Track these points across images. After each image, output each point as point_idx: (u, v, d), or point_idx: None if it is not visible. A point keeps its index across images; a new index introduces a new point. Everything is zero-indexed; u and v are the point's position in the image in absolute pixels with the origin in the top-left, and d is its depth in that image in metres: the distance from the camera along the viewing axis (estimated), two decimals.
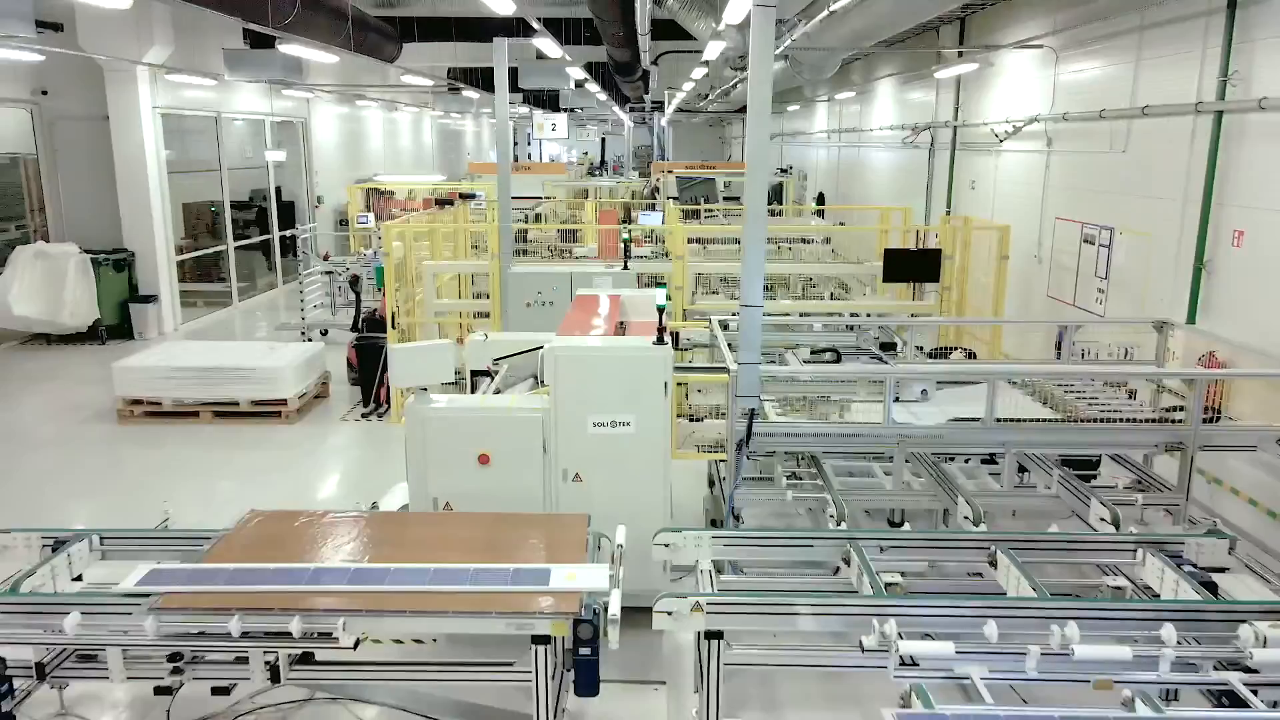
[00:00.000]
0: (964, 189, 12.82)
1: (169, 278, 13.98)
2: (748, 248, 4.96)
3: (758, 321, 5.07)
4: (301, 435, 9.33)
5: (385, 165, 24.41)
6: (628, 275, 8.76)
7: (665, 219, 13.87)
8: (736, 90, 19.91)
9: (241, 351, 9.86)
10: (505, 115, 8.88)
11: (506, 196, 9.10)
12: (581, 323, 5.98)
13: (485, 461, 5.04)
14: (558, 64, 13.99)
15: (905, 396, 5.33)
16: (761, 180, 4.93)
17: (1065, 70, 9.69)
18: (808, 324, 7.05)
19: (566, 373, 5.00)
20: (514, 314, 8.86)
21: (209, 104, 15.19)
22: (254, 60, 12.74)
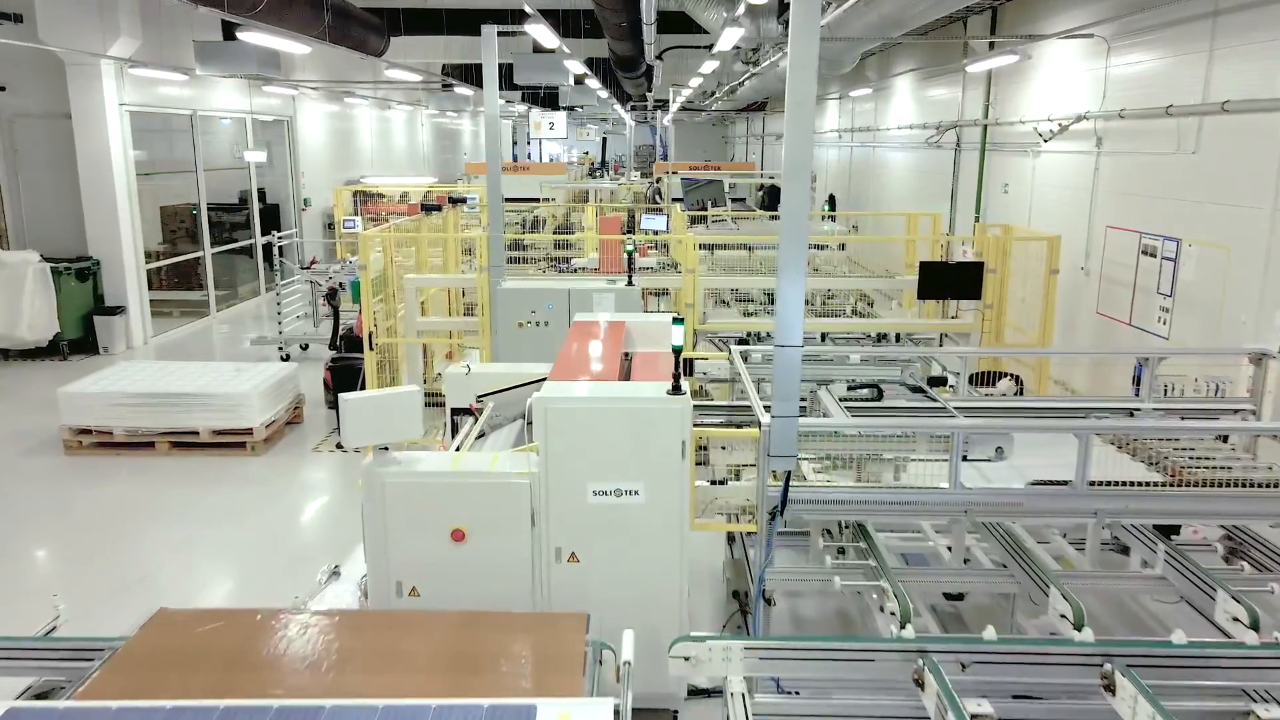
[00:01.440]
0: (995, 193, 11.85)
1: (138, 287, 13.01)
2: (786, 274, 3.99)
3: (796, 366, 4.10)
4: (268, 469, 8.36)
5: (377, 166, 23.44)
6: (632, 292, 7.79)
7: (670, 224, 12.91)
8: (744, 87, 18.96)
9: (203, 375, 8.89)
10: (495, 111, 7.92)
11: (497, 201, 8.14)
12: (579, 357, 5.02)
13: (460, 538, 4.08)
14: (555, 59, 13.03)
15: (976, 454, 4.37)
16: (802, 188, 3.96)
17: (1118, 62, 8.72)
18: (841, 355, 6.07)
19: (560, 429, 4.03)
20: (505, 335, 7.90)
21: (183, 101, 14.22)
22: (226, 53, 11.80)
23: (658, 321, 5.81)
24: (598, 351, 5.17)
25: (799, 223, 3.96)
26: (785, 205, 3.98)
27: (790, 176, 3.94)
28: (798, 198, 3.96)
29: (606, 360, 4.90)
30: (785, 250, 3.99)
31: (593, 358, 5.01)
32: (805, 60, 3.87)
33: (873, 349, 7.12)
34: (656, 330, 5.78)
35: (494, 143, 8.03)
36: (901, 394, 5.76)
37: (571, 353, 5.10)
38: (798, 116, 3.89)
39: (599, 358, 4.98)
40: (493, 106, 7.87)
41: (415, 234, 10.09)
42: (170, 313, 14.93)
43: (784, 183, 3.96)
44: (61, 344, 12.14)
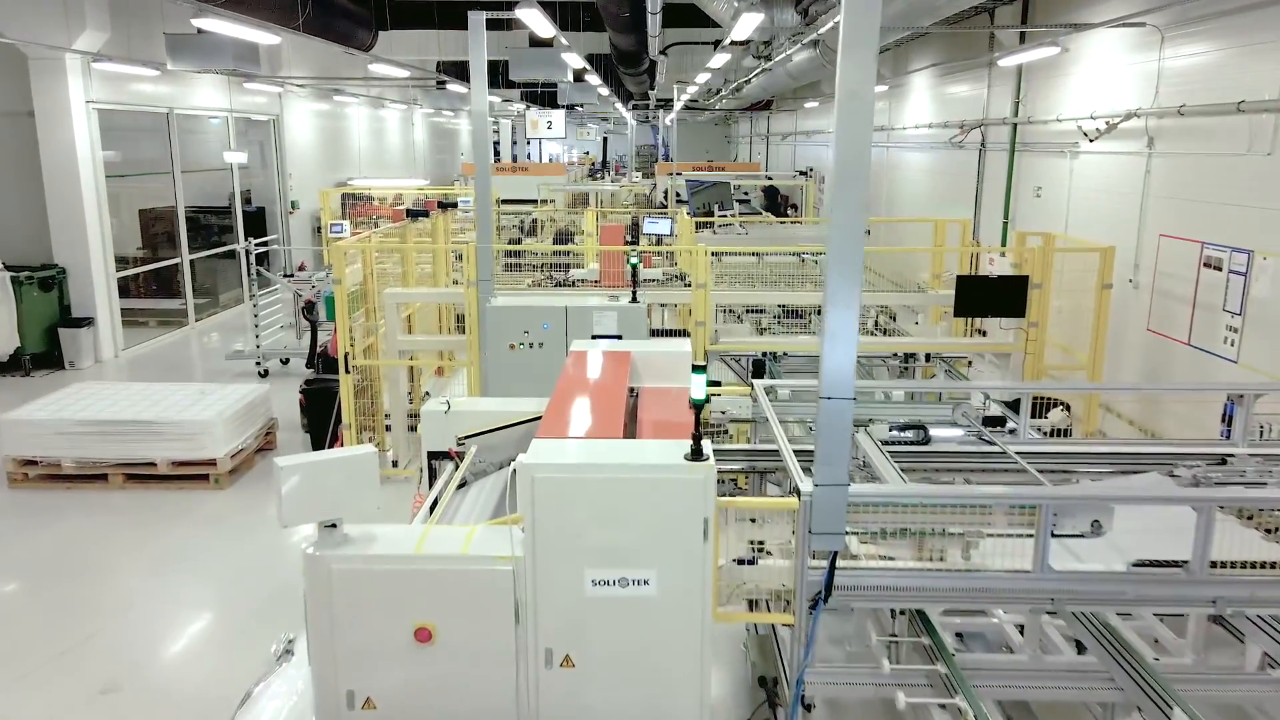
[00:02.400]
0: (1026, 197, 11.02)
1: (108, 297, 12.20)
2: (835, 309, 3.17)
3: (847, 424, 3.28)
4: (233, 505, 7.54)
5: (370, 167, 22.62)
6: (637, 310, 6.96)
7: (675, 228, 12.09)
8: (751, 85, 18.16)
9: (165, 398, 8.07)
10: (484, 108, 7.09)
11: (487, 207, 7.31)
12: (576, 401, 4.19)
13: (425, 638, 3.26)
14: (553, 53, 12.20)
15: (1067, 528, 3.54)
16: (856, 200, 3.13)
17: (1173, 54, 7.89)
18: (878, 388, 5.26)
19: (552, 503, 3.21)
20: (495, 358, 7.07)
21: (159, 99, 13.40)
22: (199, 47, 10.98)
23: (668, 351, 4.99)
24: (598, 391, 4.35)
25: (852, 245, 3.13)
26: (837, 222, 3.15)
27: (843, 186, 3.12)
28: (851, 214, 3.13)
29: (609, 404, 4.08)
30: (836, 280, 3.16)
31: (592, 400, 4.18)
32: (862, 37, 3.05)
33: (919, 383, 6.30)
34: (666, 362, 4.96)
35: (483, 142, 7.21)
36: (949, 430, 4.95)
37: (567, 394, 4.28)
38: (853, 111, 3.07)
39: (600, 400, 4.16)
40: (481, 102, 7.05)
41: (398, 243, 9.27)
42: (146, 322, 14.14)
43: (836, 194, 3.14)
44: (24, 359, 11.33)
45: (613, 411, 3.93)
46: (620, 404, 4.08)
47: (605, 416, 3.86)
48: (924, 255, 9.84)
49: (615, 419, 3.82)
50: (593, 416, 3.90)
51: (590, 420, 3.86)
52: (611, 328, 6.96)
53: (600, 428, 3.73)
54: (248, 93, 15.96)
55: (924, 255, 9.84)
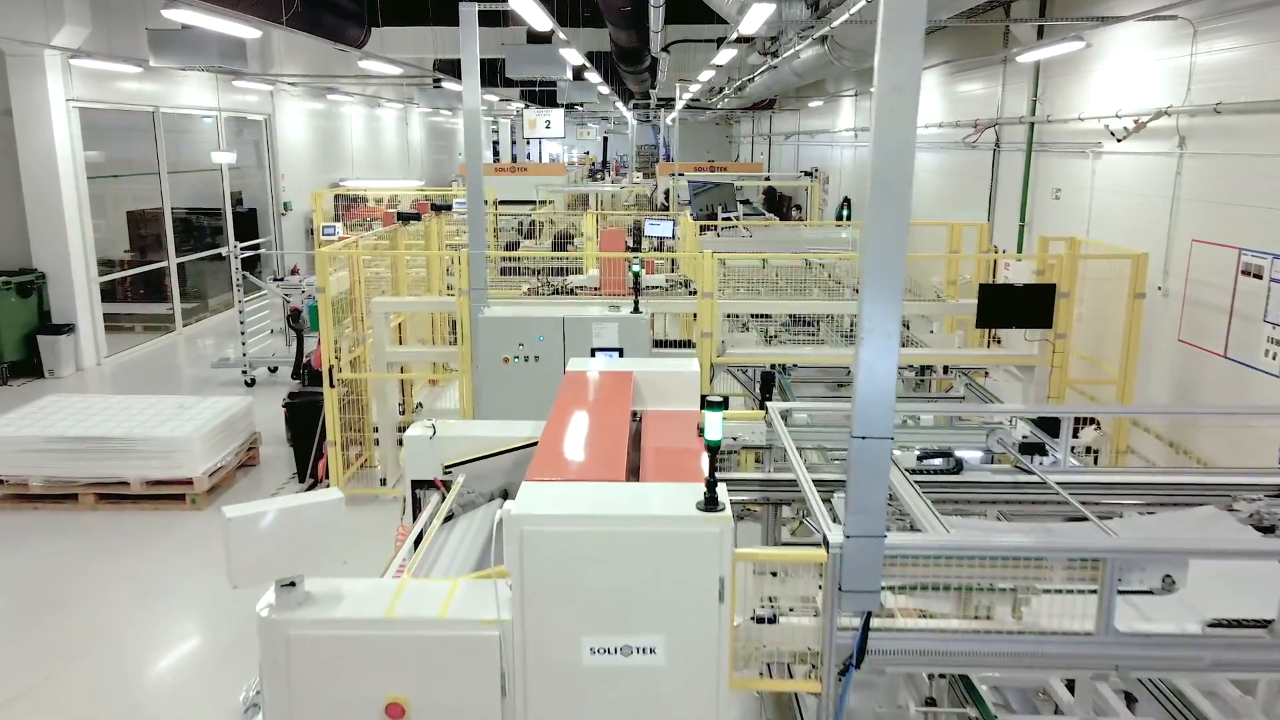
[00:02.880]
0: (1043, 200, 10.58)
1: (89, 303, 11.77)
2: (872, 339, 2.73)
3: (884, 467, 2.84)
4: (210, 527, 7.10)
5: (365, 167, 22.19)
6: (639, 322, 6.53)
7: (678, 230, 11.67)
8: (755, 83, 17.71)
9: (141, 412, 7.64)
10: (477, 105, 6.65)
11: (478, 211, 6.88)
12: (572, 431, 3.76)
13: (398, 714, 2.82)
14: (551, 49, 11.77)
15: (1133, 583, 3.10)
16: (898, 210, 2.69)
17: (1207, 48, 7.45)
18: (906, 413, 4.82)
19: (544, 560, 2.78)
20: (488, 371, 6.64)
21: (144, 97, 12.97)
22: (183, 42, 10.54)
23: (674, 371, 4.55)
24: (597, 420, 3.91)
25: (891, 264, 2.70)
26: (875, 238, 2.71)
27: (883, 196, 2.68)
28: (892, 228, 2.69)
29: (610, 437, 3.64)
30: (873, 304, 2.72)
31: (591, 431, 3.75)
32: (906, 19, 2.60)
33: (950, 406, 5.85)
34: (672, 383, 4.53)
35: (476, 142, 6.77)
36: (979, 459, 4.52)
37: (561, 423, 3.84)
38: (895, 108, 2.63)
39: (599, 431, 3.73)
40: (473, 100, 6.61)
41: (386, 249, 8.84)
42: (132, 328, 13.71)
43: (875, 206, 2.70)
44: (1, 368, 10.89)
45: (613, 446, 3.49)
46: (622, 437, 3.65)
47: (605, 453, 3.42)
48: (939, 261, 9.40)
49: (616, 456, 3.39)
50: (591, 452, 3.46)
51: (588, 457, 3.43)
52: (612, 340, 6.54)
53: (600, 466, 3.30)
54: (238, 91, 15.53)
55: (939, 261, 9.40)
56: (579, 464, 3.37)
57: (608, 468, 3.26)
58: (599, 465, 3.31)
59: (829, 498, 4.41)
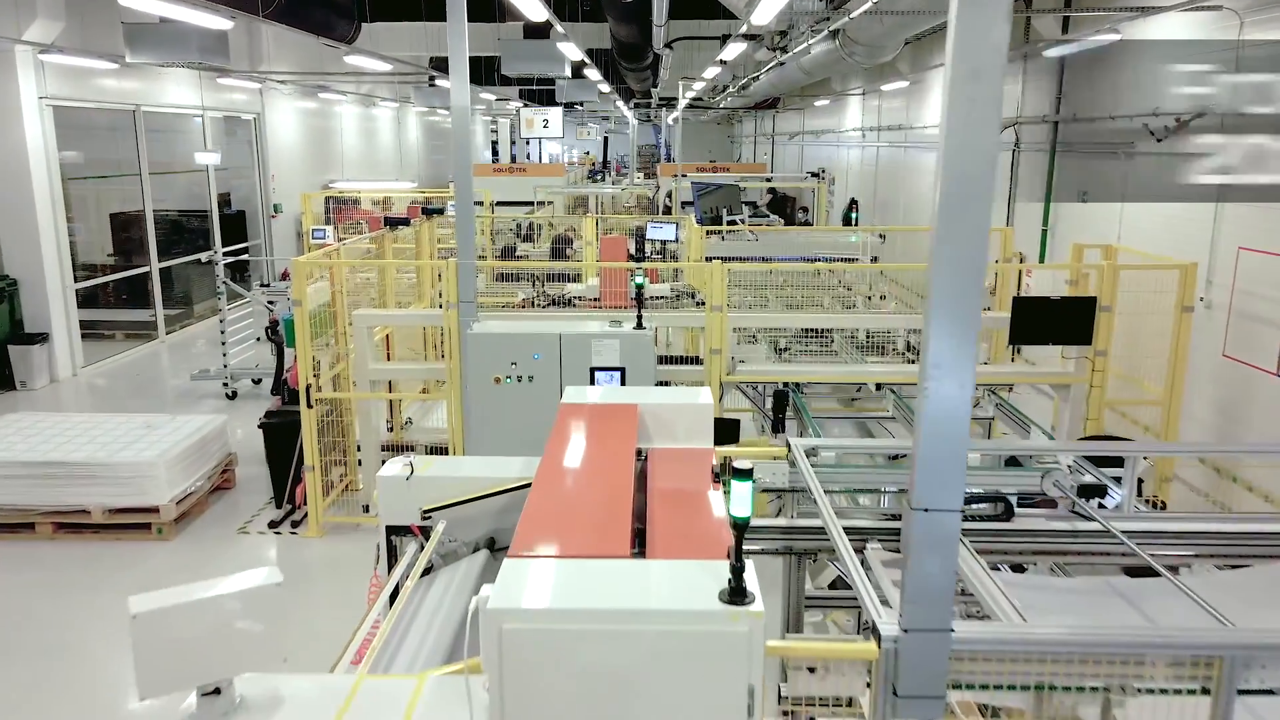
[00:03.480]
0: (1068, 204, 10.02)
1: (64, 310, 11.21)
2: (941, 381, 2.18)
3: (951, 544, 2.29)
4: (176, 561, 6.55)
5: (360, 168, 21.63)
6: (642, 339, 5.98)
7: (683, 236, 11.13)
8: (760, 81, 17.17)
9: (103, 433, 7.08)
10: (465, 102, 6.10)
11: (468, 217, 6.33)
12: (566, 484, 3.22)
13: None
14: (549, 45, 11.23)
15: (1253, 681, 2.56)
16: (975, 221, 2.14)
17: (1255, 39, 6.89)
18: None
19: (527, 664, 2.22)
20: (478, 393, 6.09)
21: (124, 95, 12.42)
22: (161, 36, 10.02)
23: (684, 404, 4.00)
24: (596, 471, 3.36)
25: (966, 293, 2.15)
26: (944, 259, 2.16)
27: (955, 205, 2.13)
28: (968, 245, 2.14)
29: (611, 493, 3.09)
30: (942, 344, 2.18)
31: (588, 485, 3.20)
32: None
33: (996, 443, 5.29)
34: (682, 417, 3.98)
35: (464, 143, 6.22)
36: (1033, 499, 3.98)
37: (554, 475, 3.29)
38: (972, 99, 2.08)
39: (598, 485, 3.17)
40: (462, 96, 6.06)
41: (372, 257, 8.29)
42: (113, 335, 13.17)
43: (945, 217, 2.15)
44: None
45: (615, 508, 2.93)
46: (625, 494, 3.09)
47: (605, 517, 2.86)
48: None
49: (618, 522, 2.83)
50: (588, 515, 2.91)
51: (584, 522, 2.87)
52: (613, 359, 5.99)
53: (598, 535, 2.74)
54: (225, 89, 14.97)
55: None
56: (573, 533, 2.81)
57: (608, 537, 2.70)
58: (597, 534, 2.75)
59: (861, 547, 3.87)
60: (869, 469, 4.05)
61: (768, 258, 12.20)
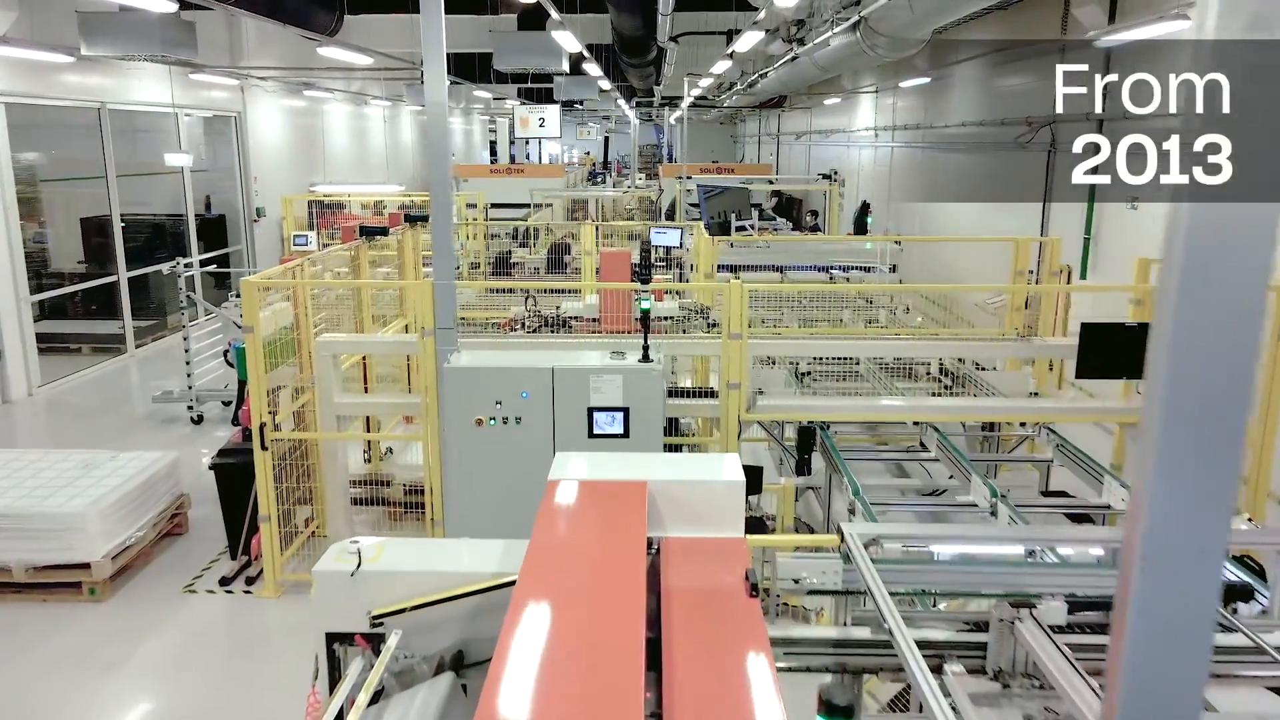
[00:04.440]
0: (1115, 209, 9.15)
1: (18, 324, 10.33)
2: (1167, 535, 1.30)
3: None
4: (110, 626, 5.66)
5: (350, 170, 20.73)
6: (649, 375, 5.10)
7: (691, 244, 10.24)
8: (768, 79, 16.30)
9: (32, 475, 6.20)
10: (442, 94, 5.21)
11: (445, 231, 5.44)
12: (553, 609, 2.35)
13: None
14: (544, 38, 10.35)
15: None
16: (1257, 252, 1.26)
17: None
18: (1038, 543, 3.41)
19: None
20: (458, 438, 5.21)
21: (86, 91, 11.53)
22: (119, 26, 9.15)
23: (704, 480, 3.13)
24: (598, 580, 2.50)
25: (1227, 417, 1.26)
26: (1182, 340, 1.28)
27: (1207, 250, 1.25)
28: (1244, 306, 1.26)
29: (617, 630, 2.21)
30: (1171, 482, 1.29)
31: (584, 611, 2.33)
32: None
33: (1096, 531, 4.39)
34: (703, 495, 3.12)
35: (440, 146, 5.33)
36: None
37: (542, 586, 2.42)
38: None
39: (598, 616, 2.30)
40: (438, 89, 5.17)
41: (346, 270, 7.40)
42: (79, 349, 12.29)
43: (1185, 269, 1.26)
44: None
45: (623, 644, 2.06)
46: (635, 632, 2.21)
47: (606, 663, 1.99)
48: (971, 269, 7.97)
49: (629, 669, 1.95)
50: (584, 666, 2.03)
51: (579, 678, 1.99)
52: (615, 397, 5.11)
53: (599, 701, 1.86)
54: (201, 85, 14.08)
55: (971, 269, 7.97)
56: (563, 694, 1.94)
57: (613, 704, 1.83)
58: (597, 698, 1.88)
59: (939, 666, 3.02)
60: (944, 568, 3.17)
61: (780, 266, 11.36)
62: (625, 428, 5.10)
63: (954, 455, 5.76)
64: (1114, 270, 9.28)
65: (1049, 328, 7.50)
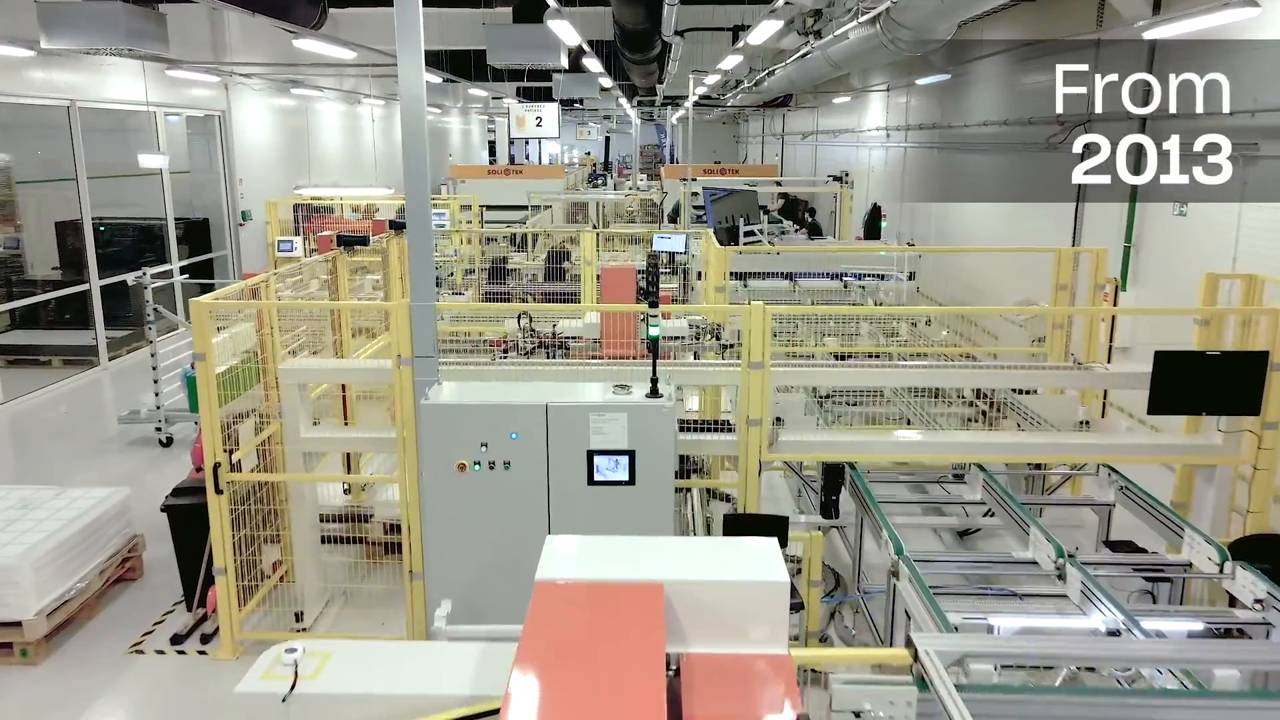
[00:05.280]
0: (1159, 217, 8.46)
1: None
2: None
3: None
4: (43, 694, 4.97)
5: (342, 172, 20.02)
6: (657, 413, 4.39)
7: (700, 253, 9.54)
8: (775, 76, 15.59)
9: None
10: (418, 87, 4.51)
11: (424, 244, 4.74)
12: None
13: None
14: (540, 32, 9.65)
15: None
16: None
17: None
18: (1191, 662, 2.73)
19: None
20: (436, 486, 4.52)
21: (54, 88, 10.83)
22: (81, 18, 8.44)
23: (738, 580, 2.43)
24: (602, 705, 1.80)
25: None
26: None
27: None
28: None
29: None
30: None
31: None
32: None
33: (1252, 653, 3.66)
34: (734, 600, 2.43)
35: (418, 146, 4.62)
36: None
37: (532, 713, 1.73)
38: None
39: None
40: (414, 80, 4.48)
41: (316, 285, 6.70)
42: (49, 361, 11.60)
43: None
44: None
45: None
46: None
47: None
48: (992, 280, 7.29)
49: None
50: None
51: None
52: (619, 438, 4.41)
53: None
54: (181, 83, 13.37)
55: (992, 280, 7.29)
56: None
57: None
58: None
59: None
60: (1056, 698, 2.47)
61: (792, 274, 10.66)
62: (631, 473, 4.40)
63: (1003, 497, 5.07)
64: (1159, 284, 8.59)
65: (1092, 350, 6.82)
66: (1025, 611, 4.00)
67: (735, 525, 4.66)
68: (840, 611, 5.56)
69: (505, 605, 4.53)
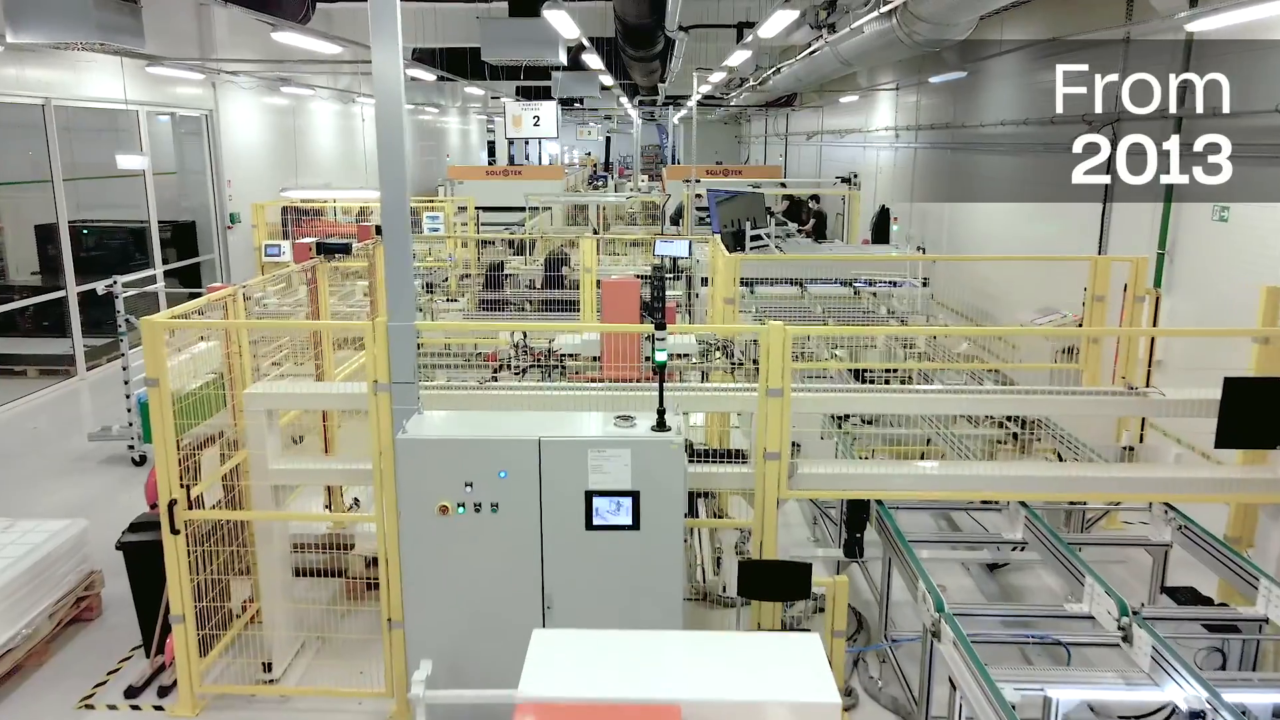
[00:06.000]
0: (1195, 221, 7.95)
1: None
2: None
3: None
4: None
5: (337, 173, 19.50)
6: (666, 448, 3.87)
7: (708, 261, 9.03)
8: (781, 74, 15.09)
9: None
10: (398, 87, 4.00)
11: (403, 258, 4.22)
12: None
13: None
14: (538, 26, 9.14)
15: None
16: None
17: None
18: None
19: None
20: (415, 529, 4.00)
21: (27, 85, 10.32)
22: (47, 10, 7.93)
23: (771, 698, 1.90)
24: None
25: None
26: None
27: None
28: None
29: None
30: None
31: None
32: None
33: None
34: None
35: (394, 144, 4.12)
36: None
37: None
38: None
39: None
40: (390, 72, 3.97)
41: (294, 297, 6.18)
42: (24, 371, 11.10)
43: None
44: None
45: None
46: None
47: None
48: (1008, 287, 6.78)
49: None
50: None
51: None
52: (621, 478, 3.89)
53: None
54: (165, 81, 12.85)
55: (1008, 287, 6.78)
56: None
57: None
58: None
59: None
60: None
61: (800, 280, 10.17)
62: (635, 518, 3.89)
63: (1049, 537, 4.55)
64: (1196, 294, 8.07)
65: (1129, 368, 6.31)
66: (1087, 682, 3.48)
67: (751, 574, 4.14)
68: (865, 659, 5.05)
69: (491, 664, 4.04)
